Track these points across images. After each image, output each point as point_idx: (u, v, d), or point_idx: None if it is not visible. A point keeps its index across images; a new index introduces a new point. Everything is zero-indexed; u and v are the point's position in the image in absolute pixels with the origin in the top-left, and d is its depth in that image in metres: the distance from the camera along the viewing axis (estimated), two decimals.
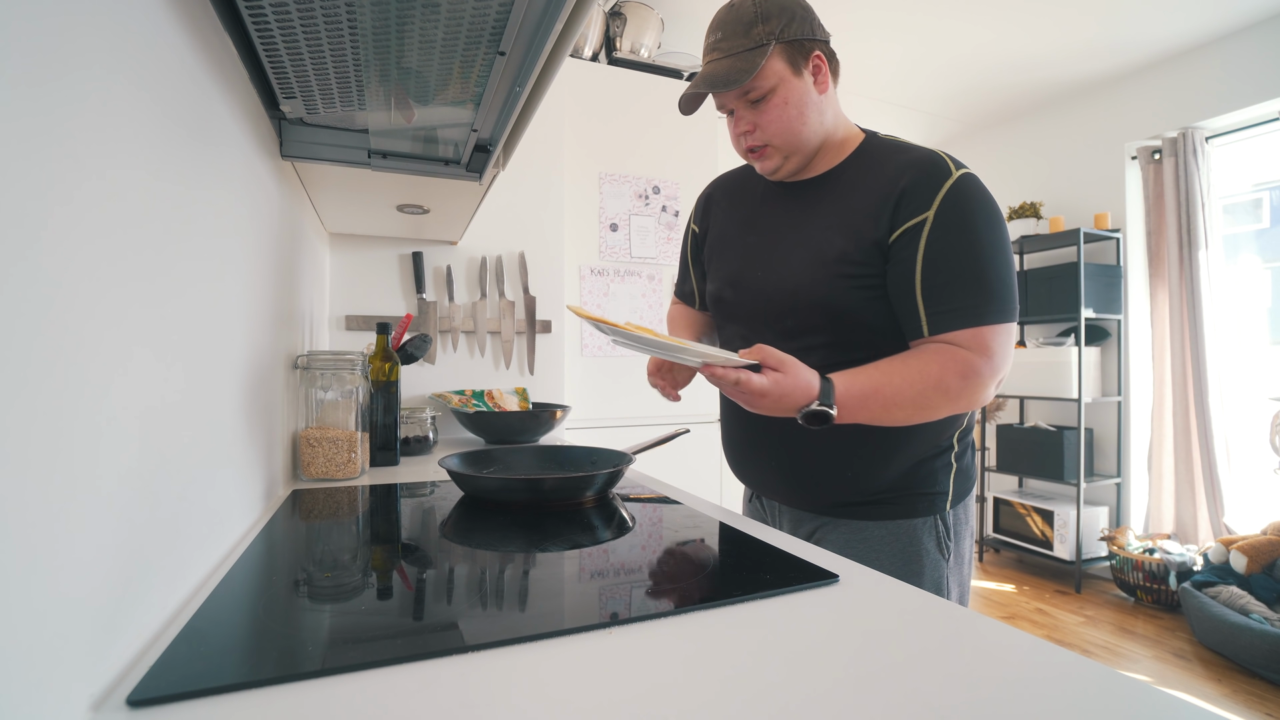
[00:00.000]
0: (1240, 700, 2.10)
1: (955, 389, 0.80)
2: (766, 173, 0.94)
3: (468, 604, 0.55)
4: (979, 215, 0.82)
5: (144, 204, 0.46)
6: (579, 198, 2.25)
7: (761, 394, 0.75)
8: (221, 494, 0.67)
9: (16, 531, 0.30)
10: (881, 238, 0.84)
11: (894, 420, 0.82)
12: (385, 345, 1.30)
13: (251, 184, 0.82)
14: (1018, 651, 0.45)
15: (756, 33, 0.83)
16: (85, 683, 0.37)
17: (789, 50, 0.85)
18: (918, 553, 0.89)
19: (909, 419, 0.82)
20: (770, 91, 0.85)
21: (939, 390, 0.80)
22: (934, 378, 0.80)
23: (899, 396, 0.79)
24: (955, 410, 0.83)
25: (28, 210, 0.31)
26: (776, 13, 0.84)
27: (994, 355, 0.80)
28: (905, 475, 0.90)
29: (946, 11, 2.62)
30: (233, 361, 0.72)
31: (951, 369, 0.80)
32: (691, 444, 2.27)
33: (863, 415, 0.80)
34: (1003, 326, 0.81)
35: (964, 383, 0.80)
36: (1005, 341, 0.82)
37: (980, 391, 0.81)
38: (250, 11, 0.63)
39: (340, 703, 0.38)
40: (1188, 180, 2.93)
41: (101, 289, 0.39)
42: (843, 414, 0.78)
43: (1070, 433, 3.17)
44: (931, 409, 0.81)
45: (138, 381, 0.45)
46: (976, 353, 0.80)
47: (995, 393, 0.83)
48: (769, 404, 0.76)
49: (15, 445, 0.30)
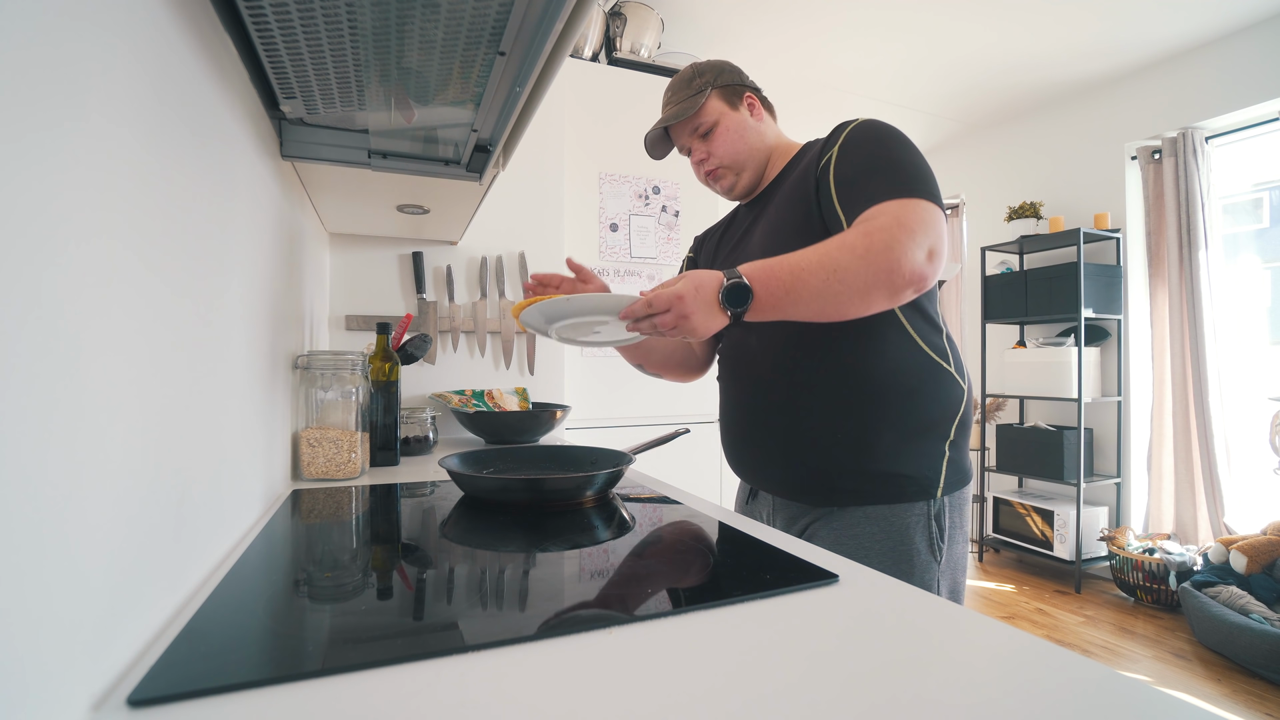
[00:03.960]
0: (1240, 700, 2.10)
1: (860, 245, 0.79)
2: (724, 191, 1.10)
3: (468, 604, 0.55)
4: (884, 132, 0.91)
5: (143, 204, 0.46)
6: (579, 198, 2.25)
7: (678, 295, 0.79)
8: (222, 494, 0.67)
9: (16, 532, 0.30)
10: (810, 188, 0.94)
11: (811, 290, 0.79)
12: (385, 345, 1.30)
13: (251, 184, 0.82)
14: (1018, 651, 0.45)
15: (696, 83, 1.06)
16: (85, 683, 0.37)
17: (724, 92, 1.06)
18: (908, 552, 0.89)
19: (825, 285, 0.79)
20: (714, 124, 1.05)
21: (841, 247, 0.79)
22: (837, 240, 0.81)
23: (804, 259, 0.80)
24: (874, 275, 0.79)
25: (25, 210, 0.31)
26: (709, 69, 1.07)
27: (902, 218, 0.80)
28: (897, 455, 0.91)
29: (948, 11, 2.62)
30: (233, 361, 0.72)
31: (855, 230, 0.81)
32: (691, 444, 2.27)
33: (775, 286, 0.79)
34: (912, 200, 0.82)
35: (868, 239, 0.79)
36: (917, 210, 0.81)
37: (893, 251, 0.78)
38: (250, 11, 0.63)
39: (340, 703, 0.38)
40: (1188, 180, 2.93)
41: (101, 289, 0.39)
42: (756, 286, 0.79)
43: (1070, 433, 3.17)
44: (843, 270, 0.78)
45: (138, 381, 0.45)
46: (882, 217, 0.81)
47: (925, 263, 0.80)
48: (690, 302, 0.79)
49: (15, 445, 0.30)
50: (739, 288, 0.79)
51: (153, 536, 0.47)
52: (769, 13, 2.65)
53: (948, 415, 0.93)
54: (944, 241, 0.82)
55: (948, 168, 4.20)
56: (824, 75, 3.20)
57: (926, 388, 0.92)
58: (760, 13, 2.65)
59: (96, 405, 0.38)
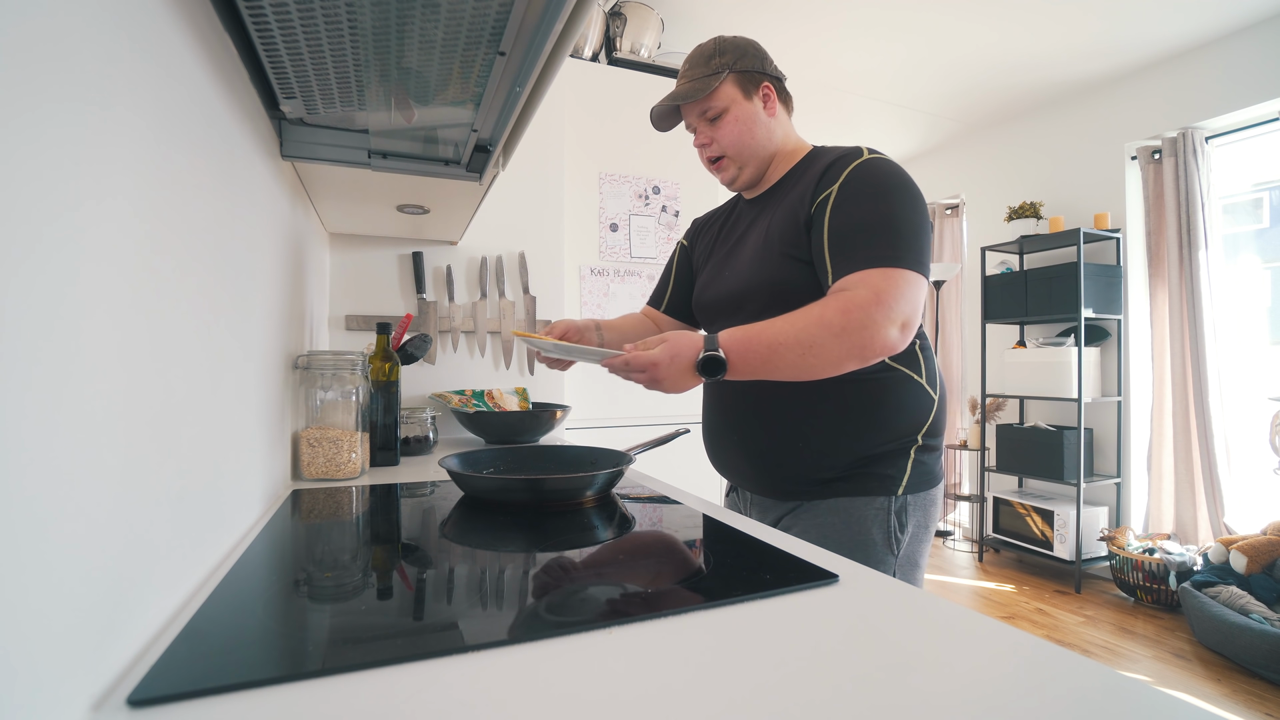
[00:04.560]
0: (1240, 700, 2.10)
1: (837, 323, 0.81)
2: (726, 183, 1.09)
3: (467, 604, 0.55)
4: (885, 182, 0.90)
5: (142, 205, 0.46)
6: (579, 198, 2.25)
7: (652, 362, 0.83)
8: (222, 494, 0.67)
9: (16, 532, 0.30)
10: (805, 214, 0.94)
11: (787, 363, 0.83)
12: (385, 345, 1.30)
13: (251, 184, 0.82)
14: (1018, 651, 0.45)
15: (714, 63, 1.01)
16: (85, 683, 0.37)
17: (741, 79, 1.01)
18: (864, 542, 0.92)
19: (800, 360, 0.83)
20: (724, 111, 1.01)
21: (819, 324, 0.82)
22: (815, 315, 0.83)
23: (782, 334, 0.83)
24: (847, 351, 0.83)
25: (26, 210, 0.31)
26: (731, 49, 1.02)
27: (881, 293, 0.82)
28: (860, 460, 0.94)
29: (948, 11, 2.62)
30: (233, 361, 0.72)
31: (833, 305, 0.83)
32: (691, 444, 2.27)
33: (753, 358, 0.83)
34: (895, 270, 0.84)
35: (845, 317, 0.81)
36: (898, 283, 0.83)
37: (867, 330, 0.81)
38: (250, 11, 0.63)
39: (340, 703, 0.38)
40: (1188, 180, 2.93)
41: (101, 290, 0.39)
42: (732, 358, 0.83)
43: (1070, 433, 3.17)
44: (818, 346, 0.82)
45: (138, 381, 0.45)
46: (862, 289, 0.83)
47: (898, 336, 0.83)
48: (664, 370, 0.83)
49: (15, 445, 0.30)
50: (714, 361, 0.83)
51: (153, 536, 0.47)
52: (769, 12, 2.65)
53: (915, 424, 0.96)
54: (919, 309, 0.85)
55: (948, 168, 4.20)
56: (824, 75, 3.20)
57: (891, 400, 0.95)
58: (760, 12, 2.65)
59: (97, 405, 0.38)
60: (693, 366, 0.83)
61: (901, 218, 0.87)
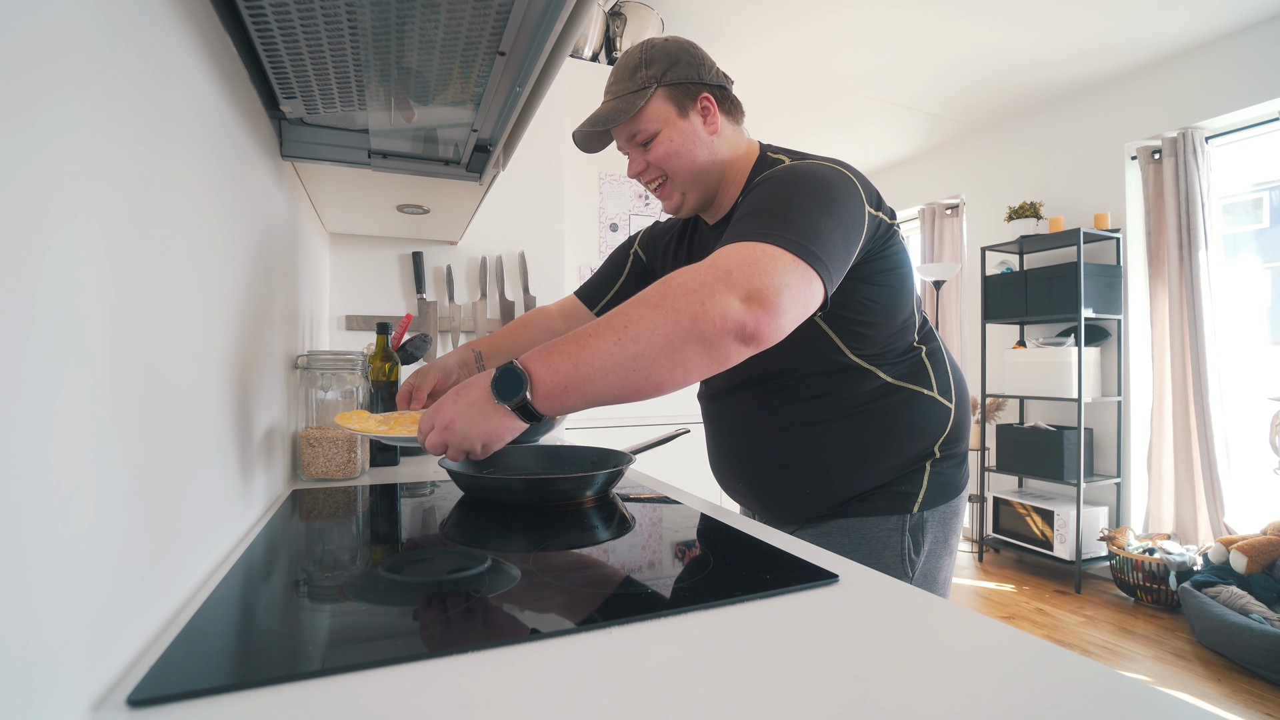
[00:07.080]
0: (1240, 700, 2.10)
1: (655, 294, 0.65)
2: (671, 210, 0.94)
3: (468, 604, 0.55)
4: (794, 177, 0.77)
5: (141, 204, 0.46)
6: (579, 198, 2.25)
7: (437, 408, 0.70)
8: (222, 494, 0.67)
9: (16, 532, 0.30)
10: None
11: (602, 356, 0.64)
12: (385, 345, 1.30)
13: (251, 184, 0.82)
14: (1018, 651, 0.45)
15: (640, 76, 0.87)
16: (85, 683, 0.37)
17: (673, 93, 0.87)
18: (872, 565, 0.86)
19: (619, 349, 0.63)
20: (656, 134, 0.87)
21: (637, 301, 0.66)
22: (637, 294, 0.67)
23: (592, 324, 0.66)
24: (672, 324, 0.63)
25: (21, 208, 0.31)
26: (660, 59, 0.87)
27: (724, 260, 0.66)
28: (871, 482, 0.89)
29: (949, 10, 2.62)
30: (233, 361, 0.72)
31: (657, 284, 0.67)
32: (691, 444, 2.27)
33: (559, 362, 0.65)
34: (759, 245, 0.67)
35: (665, 286, 0.65)
36: (756, 256, 0.66)
37: (695, 295, 0.63)
38: (250, 11, 0.63)
39: (340, 703, 0.38)
40: (1188, 180, 2.93)
41: (100, 290, 0.39)
42: (533, 366, 0.65)
43: (1070, 433, 3.17)
44: (635, 325, 0.64)
45: (138, 381, 0.45)
46: (704, 262, 0.67)
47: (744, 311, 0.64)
48: (447, 411, 0.69)
49: (15, 445, 0.30)
50: (508, 374, 0.66)
51: (153, 536, 0.47)
52: (769, 12, 2.65)
53: (930, 439, 0.89)
54: (785, 290, 0.65)
55: (948, 168, 4.20)
56: (824, 75, 3.20)
57: (900, 426, 0.87)
58: (760, 12, 2.65)
59: (97, 405, 0.38)
60: (489, 394, 0.67)
61: (795, 206, 0.72)
